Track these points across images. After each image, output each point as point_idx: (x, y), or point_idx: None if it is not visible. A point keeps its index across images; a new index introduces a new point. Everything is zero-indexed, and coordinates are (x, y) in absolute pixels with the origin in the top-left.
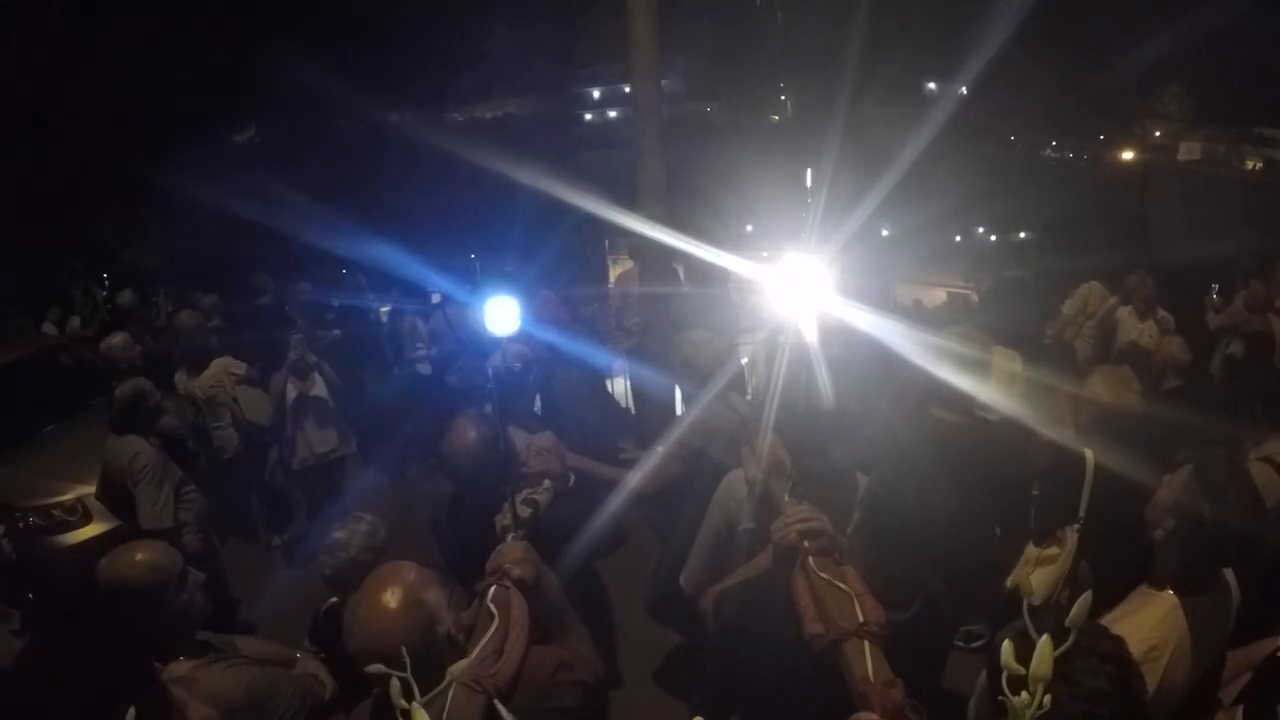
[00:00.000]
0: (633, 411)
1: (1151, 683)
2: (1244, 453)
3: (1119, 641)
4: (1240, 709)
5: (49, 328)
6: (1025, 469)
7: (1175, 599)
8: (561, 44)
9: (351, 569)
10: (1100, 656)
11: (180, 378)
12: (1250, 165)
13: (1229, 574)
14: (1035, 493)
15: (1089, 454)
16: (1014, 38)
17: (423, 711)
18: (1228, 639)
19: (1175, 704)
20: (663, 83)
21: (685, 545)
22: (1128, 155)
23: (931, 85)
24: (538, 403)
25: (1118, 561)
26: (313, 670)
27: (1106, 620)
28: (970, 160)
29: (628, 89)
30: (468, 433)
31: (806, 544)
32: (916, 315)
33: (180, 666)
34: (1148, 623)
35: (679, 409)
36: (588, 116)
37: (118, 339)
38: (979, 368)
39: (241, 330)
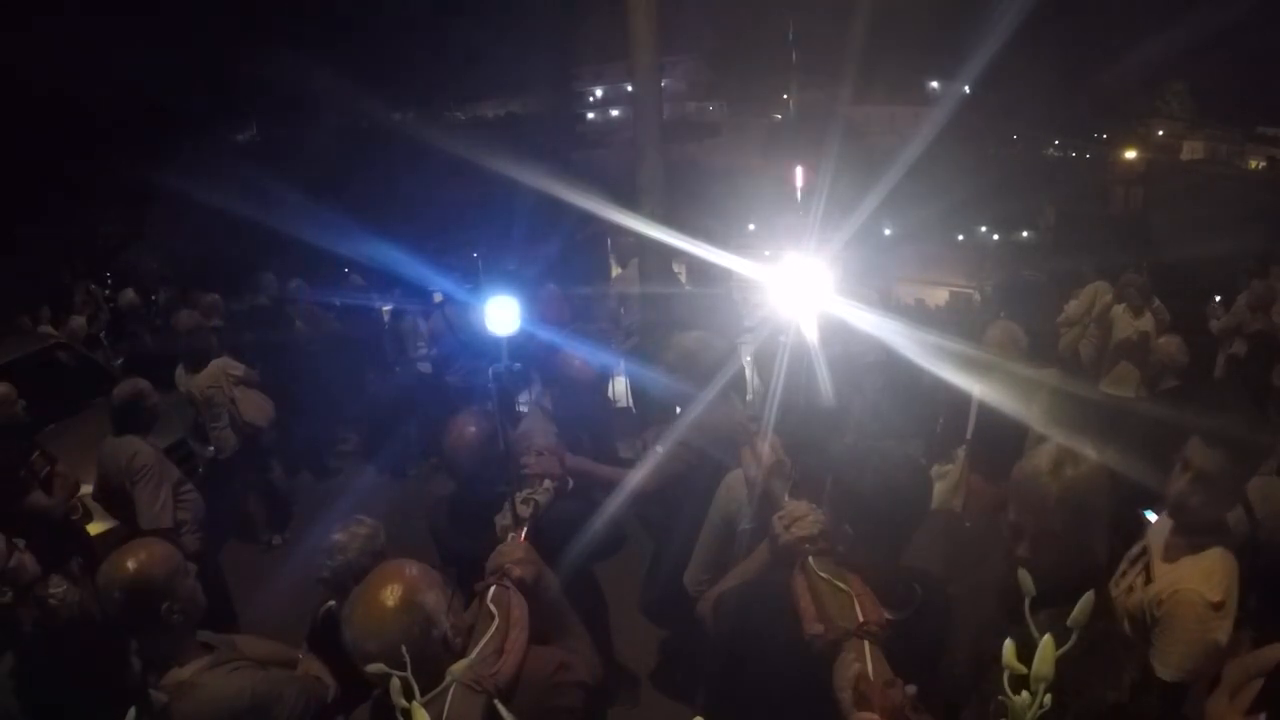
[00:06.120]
0: (633, 411)
1: (1224, 633)
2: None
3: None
4: (1261, 716)
5: (44, 327)
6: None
7: (1224, 547)
8: (563, 43)
9: (350, 572)
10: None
11: (180, 376)
12: (1253, 164)
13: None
14: (940, 421)
15: (975, 390)
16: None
17: (423, 711)
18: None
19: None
20: (664, 82)
21: (685, 546)
22: (1130, 154)
23: (934, 84)
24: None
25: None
26: (315, 671)
27: (1169, 573)
28: (973, 159)
29: (629, 88)
30: (468, 428)
31: (806, 546)
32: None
33: (183, 670)
34: (1216, 573)
35: (678, 409)
36: (589, 115)
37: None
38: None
39: (241, 329)
